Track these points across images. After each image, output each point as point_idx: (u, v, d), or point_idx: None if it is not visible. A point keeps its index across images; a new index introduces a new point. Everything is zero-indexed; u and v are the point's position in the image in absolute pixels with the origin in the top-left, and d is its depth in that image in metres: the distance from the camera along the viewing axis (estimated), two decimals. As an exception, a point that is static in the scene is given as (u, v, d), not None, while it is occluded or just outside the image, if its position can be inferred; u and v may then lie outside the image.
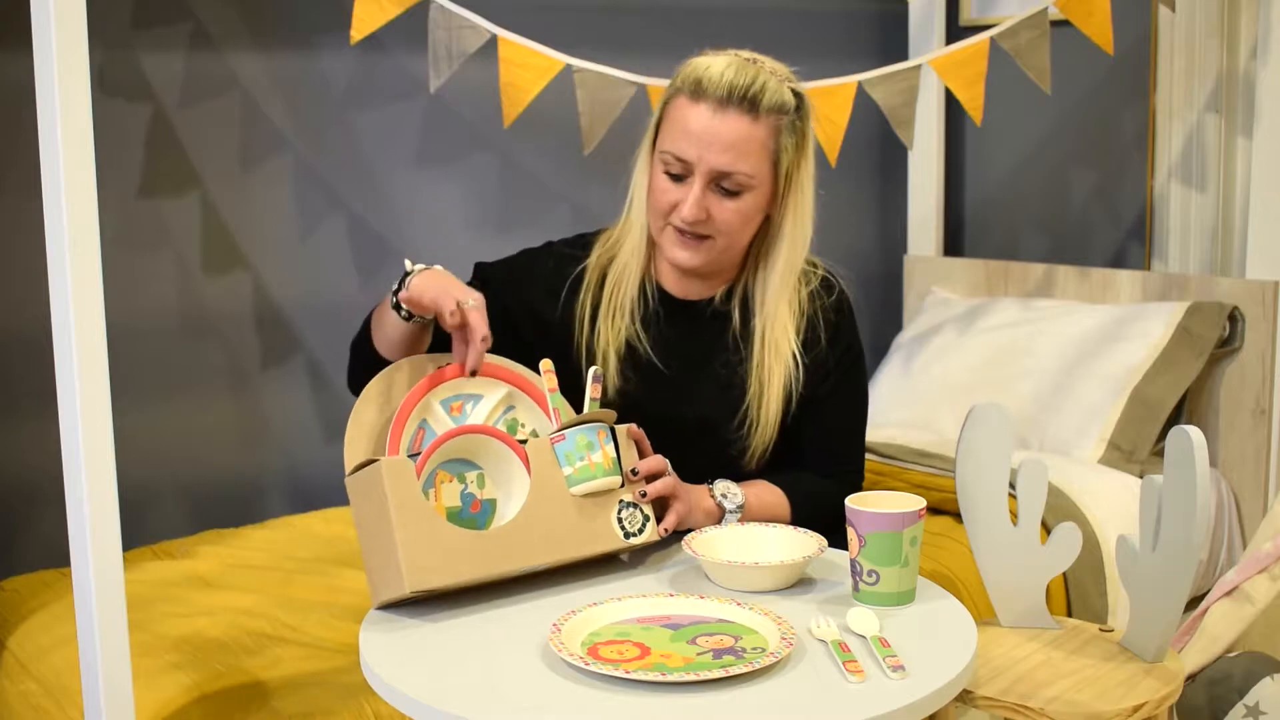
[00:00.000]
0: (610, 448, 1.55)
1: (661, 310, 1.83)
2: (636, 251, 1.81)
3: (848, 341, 1.86)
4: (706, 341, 1.83)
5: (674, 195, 1.71)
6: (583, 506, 1.52)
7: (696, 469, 1.73)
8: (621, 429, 1.59)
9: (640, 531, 1.56)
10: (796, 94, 1.73)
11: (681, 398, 1.80)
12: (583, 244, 1.89)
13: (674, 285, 1.85)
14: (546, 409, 1.59)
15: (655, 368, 1.80)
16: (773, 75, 1.71)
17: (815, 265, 1.87)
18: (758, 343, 1.80)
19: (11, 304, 2.22)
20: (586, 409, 1.54)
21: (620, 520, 1.55)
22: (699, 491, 1.70)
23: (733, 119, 1.67)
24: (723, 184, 1.70)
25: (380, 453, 1.50)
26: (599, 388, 1.55)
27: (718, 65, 1.70)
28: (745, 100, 1.67)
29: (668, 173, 1.72)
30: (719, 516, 1.71)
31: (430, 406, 1.55)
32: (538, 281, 1.85)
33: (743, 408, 1.79)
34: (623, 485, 1.56)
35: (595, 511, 1.53)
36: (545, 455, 1.52)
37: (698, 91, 1.68)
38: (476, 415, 1.57)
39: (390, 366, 1.58)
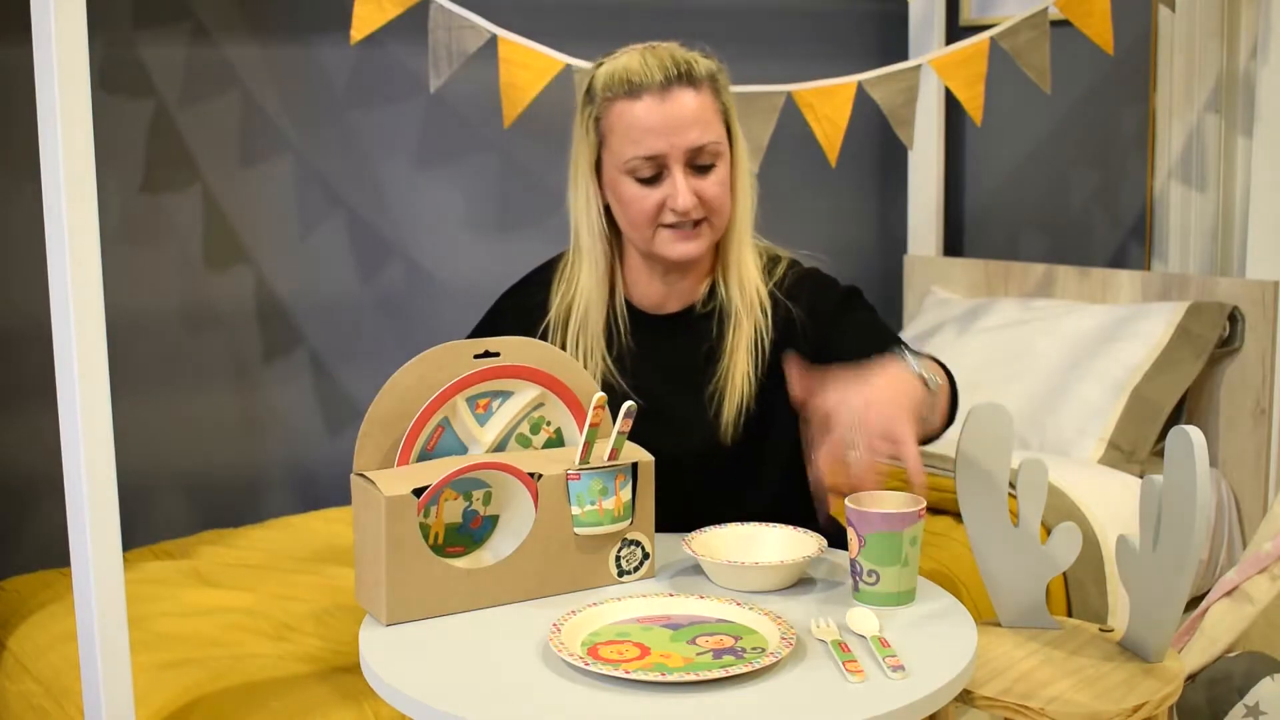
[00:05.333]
0: (626, 492, 1.52)
1: (634, 339, 1.76)
2: (598, 283, 1.74)
3: (838, 289, 1.77)
4: (692, 349, 1.76)
5: (655, 197, 1.67)
6: (582, 544, 1.51)
7: (694, 495, 1.67)
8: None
9: (637, 569, 1.55)
10: (707, 56, 1.71)
11: (669, 428, 1.69)
12: (539, 284, 1.82)
13: (651, 301, 1.78)
14: (579, 412, 1.56)
15: (638, 396, 1.71)
16: (679, 49, 1.69)
17: (780, 255, 1.81)
18: (732, 302, 1.73)
19: (11, 299, 2.22)
20: (613, 442, 1.53)
21: (619, 558, 1.54)
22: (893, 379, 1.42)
23: (680, 97, 1.65)
24: (697, 162, 1.66)
25: (394, 450, 1.48)
26: (630, 423, 1.50)
27: (633, 60, 1.67)
28: (680, 76, 1.65)
29: (638, 179, 1.67)
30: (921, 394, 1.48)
31: (454, 404, 1.51)
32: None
33: (714, 377, 1.72)
34: (631, 524, 1.54)
35: (595, 549, 1.52)
36: (555, 494, 1.49)
37: (633, 89, 1.65)
38: (503, 413, 1.54)
39: (427, 353, 1.49)
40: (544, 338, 1.77)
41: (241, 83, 2.45)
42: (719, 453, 1.73)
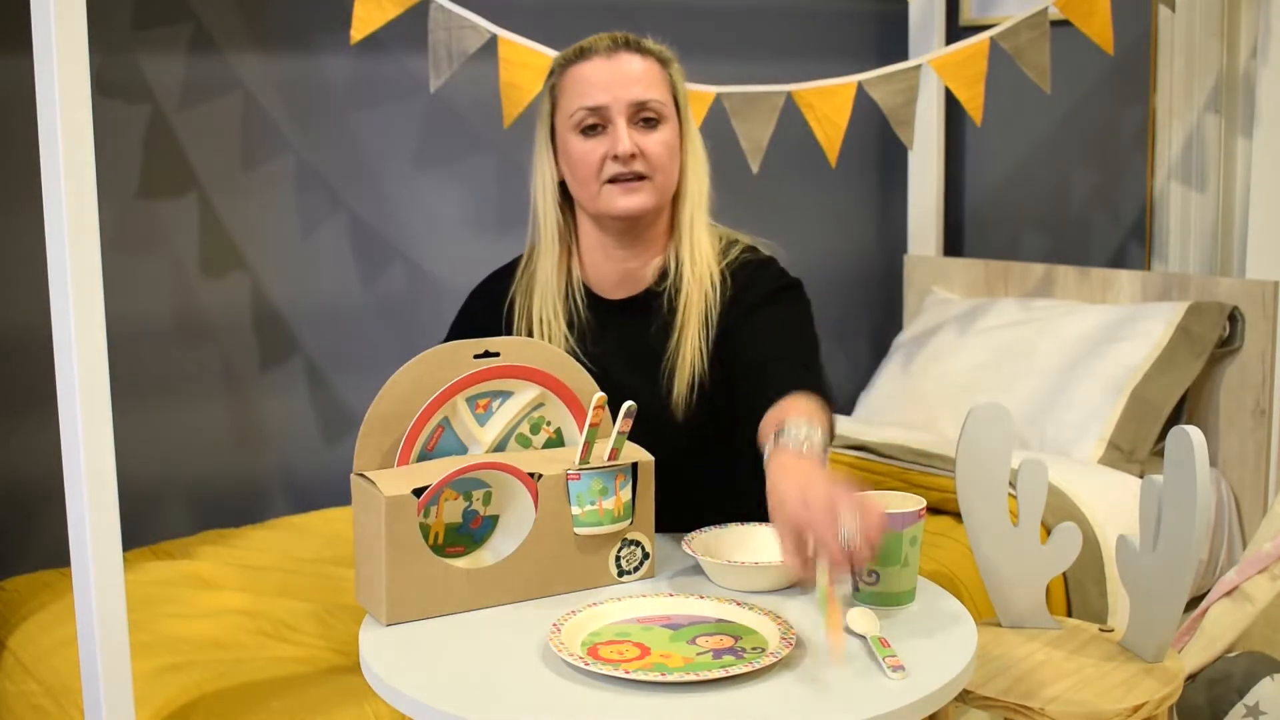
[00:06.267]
0: (626, 492, 1.52)
1: (592, 315, 1.80)
2: (556, 261, 1.80)
3: (774, 281, 1.77)
4: (645, 328, 1.78)
5: (599, 151, 1.73)
6: (582, 544, 1.51)
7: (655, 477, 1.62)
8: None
9: (637, 569, 1.55)
10: (661, 44, 1.82)
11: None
12: (506, 274, 1.88)
13: (606, 285, 1.81)
14: (579, 412, 1.57)
15: (595, 376, 1.69)
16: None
17: (739, 239, 1.83)
18: (683, 276, 1.76)
19: (12, 305, 2.22)
20: (613, 442, 1.53)
21: (619, 558, 1.54)
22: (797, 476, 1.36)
23: (626, 58, 1.75)
24: (642, 117, 1.74)
25: (394, 451, 1.48)
26: (629, 423, 1.51)
27: (589, 37, 1.79)
28: (629, 44, 1.77)
29: (584, 132, 1.74)
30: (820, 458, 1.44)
31: (454, 404, 1.51)
32: (483, 329, 1.81)
33: (666, 354, 1.74)
34: (631, 524, 1.54)
35: (595, 549, 1.52)
36: (555, 494, 1.49)
37: (583, 54, 1.76)
38: (503, 413, 1.54)
39: (427, 353, 1.50)
40: (509, 319, 1.83)
41: (240, 85, 2.45)
42: (673, 429, 1.73)
